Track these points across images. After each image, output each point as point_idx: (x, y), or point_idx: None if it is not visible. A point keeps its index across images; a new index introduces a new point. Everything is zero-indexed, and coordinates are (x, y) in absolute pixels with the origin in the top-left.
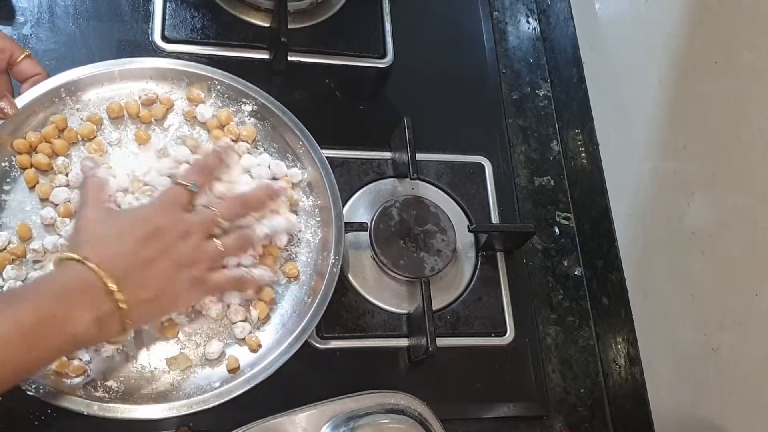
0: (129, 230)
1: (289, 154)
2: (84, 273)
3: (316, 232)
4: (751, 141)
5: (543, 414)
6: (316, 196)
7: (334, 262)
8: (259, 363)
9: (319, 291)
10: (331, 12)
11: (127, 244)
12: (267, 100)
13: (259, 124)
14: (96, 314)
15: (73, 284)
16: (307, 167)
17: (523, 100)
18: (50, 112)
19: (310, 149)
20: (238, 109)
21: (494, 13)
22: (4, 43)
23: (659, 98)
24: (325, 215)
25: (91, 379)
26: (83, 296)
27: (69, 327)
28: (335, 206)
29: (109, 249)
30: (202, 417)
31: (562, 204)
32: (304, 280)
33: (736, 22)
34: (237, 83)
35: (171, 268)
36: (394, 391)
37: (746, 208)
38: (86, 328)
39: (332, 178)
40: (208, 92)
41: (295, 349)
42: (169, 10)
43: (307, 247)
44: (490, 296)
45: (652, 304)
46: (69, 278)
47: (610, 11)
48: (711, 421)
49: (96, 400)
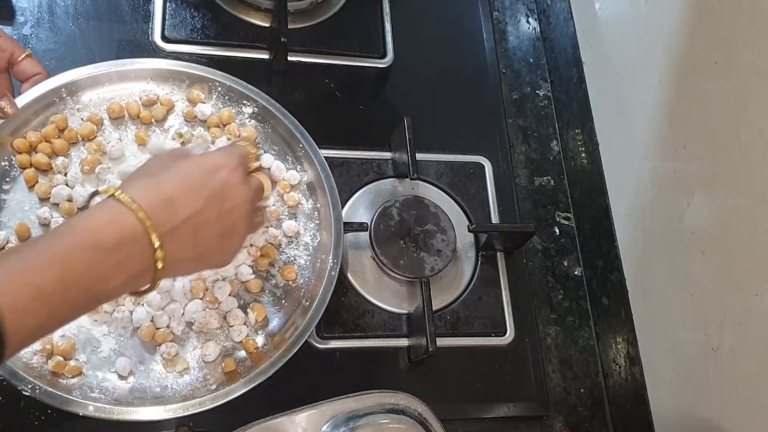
0: (194, 181)
1: (288, 156)
2: (127, 219)
3: (315, 234)
4: (751, 141)
5: (543, 414)
6: (315, 198)
7: (332, 264)
8: (256, 367)
9: (317, 294)
10: (331, 12)
11: (188, 197)
12: (267, 102)
13: (260, 126)
14: (130, 273)
15: (110, 234)
16: (306, 169)
17: (523, 100)
18: (51, 112)
19: (310, 151)
20: (238, 111)
21: (494, 13)
22: (4, 43)
23: (659, 98)
24: (324, 217)
25: (87, 379)
26: (119, 252)
27: (98, 288)
28: (334, 209)
29: (163, 195)
30: (202, 417)
31: (562, 204)
32: (302, 282)
33: (736, 22)
34: (238, 85)
35: (223, 232)
36: (394, 391)
37: (746, 208)
38: (116, 288)
39: (332, 181)
40: (209, 94)
41: (292, 352)
42: (169, 10)
43: (306, 250)
44: (490, 296)
45: (652, 304)
46: (106, 224)
47: (610, 11)
48: (711, 421)
49: (92, 401)
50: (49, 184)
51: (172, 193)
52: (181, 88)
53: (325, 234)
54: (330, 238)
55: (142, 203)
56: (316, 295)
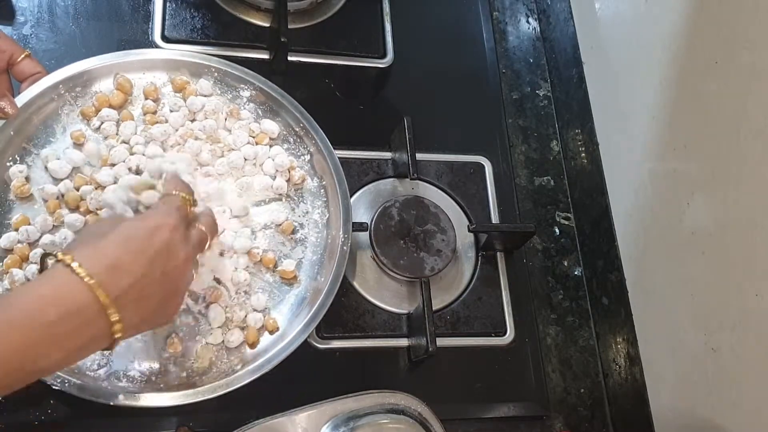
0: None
1: (291, 137)
2: (74, 286)
3: (324, 212)
4: (751, 141)
5: (543, 414)
6: (320, 177)
7: (343, 240)
8: (277, 344)
9: (331, 270)
10: (331, 12)
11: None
12: (265, 84)
13: (259, 109)
14: (75, 345)
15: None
16: (309, 148)
17: (523, 100)
18: (50, 109)
19: (311, 130)
20: (236, 95)
21: (494, 13)
22: (3, 44)
23: (659, 98)
24: (331, 195)
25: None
26: (61, 325)
27: (36, 364)
28: (340, 185)
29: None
30: (202, 417)
31: (562, 204)
32: (315, 259)
33: (736, 22)
34: (234, 69)
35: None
36: (394, 391)
37: (746, 208)
38: (66, 357)
39: (335, 158)
40: (207, 80)
41: (311, 329)
42: (169, 10)
43: (315, 228)
44: (490, 296)
45: (652, 304)
46: (52, 294)
47: (610, 11)
48: (711, 421)
49: (121, 390)
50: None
51: (117, 259)
52: (176, 76)
53: (333, 211)
54: (339, 214)
55: (89, 271)
56: (330, 272)
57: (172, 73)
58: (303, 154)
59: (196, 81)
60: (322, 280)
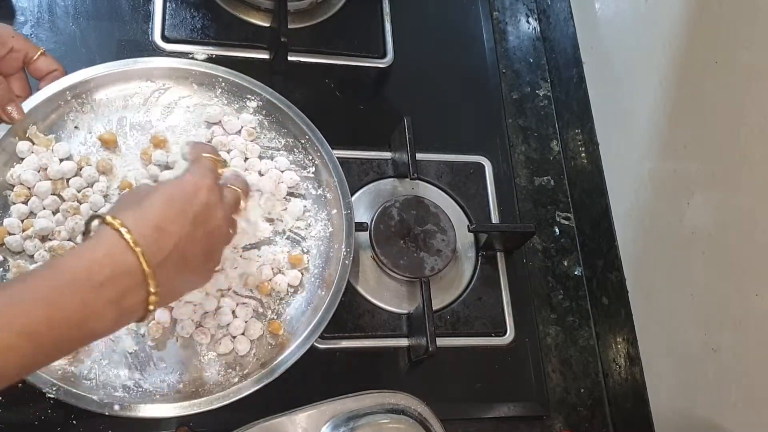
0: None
1: (296, 149)
2: (119, 251)
3: (327, 225)
4: (751, 141)
5: (543, 414)
6: (324, 188)
7: (345, 254)
8: (276, 356)
9: (333, 282)
10: (331, 12)
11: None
12: (272, 96)
13: (265, 120)
14: (123, 308)
15: (101, 269)
16: (314, 160)
17: (523, 100)
18: (57, 115)
19: (316, 141)
20: (242, 105)
21: (494, 13)
22: (18, 43)
23: (659, 98)
24: (335, 208)
25: (107, 378)
26: (112, 287)
27: (88, 326)
28: (344, 198)
29: (152, 223)
30: (202, 417)
31: (562, 204)
32: (316, 272)
33: (736, 22)
34: (241, 80)
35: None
36: (394, 391)
37: (746, 208)
38: (107, 325)
39: (340, 170)
40: (214, 89)
41: (311, 341)
42: (169, 10)
43: (318, 240)
44: (490, 296)
45: (652, 304)
46: (97, 259)
47: (610, 11)
48: (711, 421)
49: (117, 401)
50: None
51: (160, 221)
52: (184, 85)
53: (336, 224)
54: (342, 227)
55: (136, 235)
56: (331, 284)
57: (179, 81)
58: (308, 166)
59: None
60: (322, 294)
